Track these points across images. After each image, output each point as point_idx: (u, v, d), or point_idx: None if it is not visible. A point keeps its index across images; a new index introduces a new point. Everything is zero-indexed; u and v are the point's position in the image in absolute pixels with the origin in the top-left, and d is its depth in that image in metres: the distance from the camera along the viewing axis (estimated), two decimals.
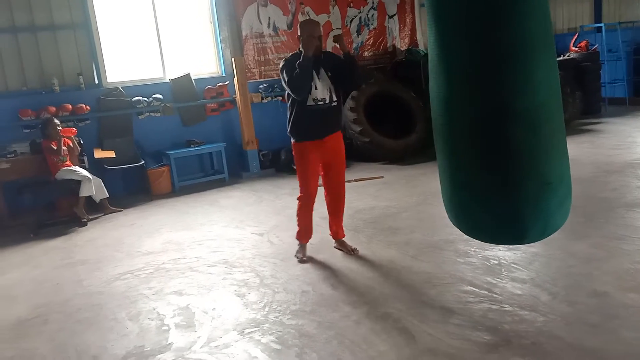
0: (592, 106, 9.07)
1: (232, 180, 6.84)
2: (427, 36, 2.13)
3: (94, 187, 5.55)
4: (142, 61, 6.88)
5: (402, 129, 7.22)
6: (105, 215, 5.69)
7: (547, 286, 2.90)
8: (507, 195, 1.94)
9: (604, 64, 9.54)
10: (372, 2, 8.29)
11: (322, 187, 3.68)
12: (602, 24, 10.17)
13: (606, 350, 2.26)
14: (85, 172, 5.60)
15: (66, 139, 5.61)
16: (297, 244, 3.78)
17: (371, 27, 8.34)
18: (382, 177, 6.03)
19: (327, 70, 3.46)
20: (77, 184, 5.50)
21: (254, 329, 2.75)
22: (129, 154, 6.45)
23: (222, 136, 7.20)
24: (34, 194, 5.81)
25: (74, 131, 5.83)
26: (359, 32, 8.22)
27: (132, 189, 6.57)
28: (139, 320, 3.02)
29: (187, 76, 6.94)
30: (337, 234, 3.78)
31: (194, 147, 6.79)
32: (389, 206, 4.77)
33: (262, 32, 7.47)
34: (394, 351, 2.41)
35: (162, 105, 6.71)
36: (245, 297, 3.18)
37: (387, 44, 8.54)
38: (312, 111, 3.43)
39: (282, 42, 7.62)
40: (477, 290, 2.94)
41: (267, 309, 2.98)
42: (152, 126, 6.74)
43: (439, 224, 4.12)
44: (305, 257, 3.68)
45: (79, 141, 5.87)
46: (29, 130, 5.97)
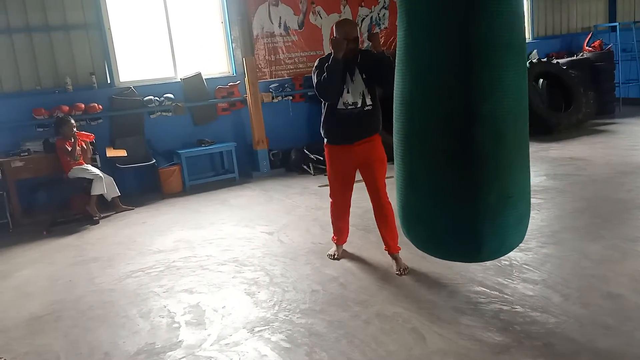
0: (606, 106, 8.96)
1: (243, 179, 6.86)
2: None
3: (106, 186, 5.60)
4: (154, 61, 6.94)
5: None
6: (116, 213, 5.74)
7: (560, 287, 2.86)
8: (465, 204, 1.83)
9: (618, 63, 9.40)
10: (384, 2, 8.27)
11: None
12: (616, 23, 10.03)
13: (620, 352, 2.22)
14: (97, 171, 5.66)
15: (81, 141, 5.68)
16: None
17: (382, 26, 8.32)
18: (392, 177, 6.01)
19: (363, 72, 3.26)
20: (89, 182, 5.56)
21: (264, 328, 2.76)
22: (141, 153, 6.50)
23: (232, 135, 7.23)
24: (47, 192, 5.88)
25: (92, 137, 5.86)
26: (370, 31, 8.20)
27: (143, 187, 6.62)
28: (150, 317, 3.04)
29: (199, 76, 6.98)
30: (389, 247, 3.43)
31: (205, 146, 6.83)
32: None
33: (273, 32, 7.49)
34: (404, 351, 2.40)
35: (174, 104, 6.75)
36: (255, 296, 3.19)
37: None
38: (341, 115, 3.29)
39: (293, 42, 7.63)
40: (488, 291, 2.92)
41: (276, 308, 2.98)
42: (163, 125, 6.79)
43: None
44: (335, 256, 3.66)
45: (94, 144, 5.93)
46: (42, 129, 6.04)
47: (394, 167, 2.13)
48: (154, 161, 6.46)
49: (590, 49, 9.42)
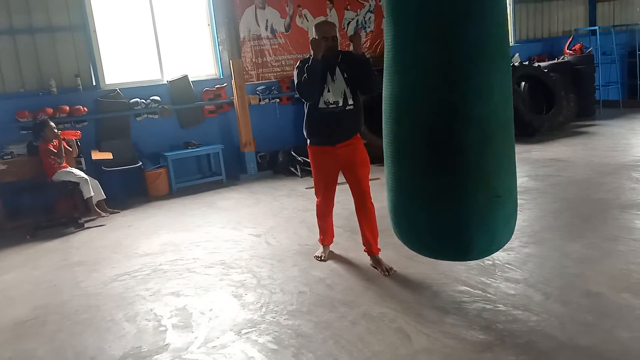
0: (586, 109, 9.13)
1: (230, 181, 6.86)
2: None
3: (91, 189, 5.56)
4: (140, 63, 6.90)
5: None
6: (102, 217, 5.70)
7: (541, 286, 2.93)
8: (455, 204, 1.87)
9: (598, 66, 9.60)
10: (370, 5, 8.33)
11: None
12: (596, 27, 10.24)
13: (600, 349, 2.29)
14: (82, 174, 5.61)
15: (65, 141, 5.63)
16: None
17: (368, 29, 8.37)
18: (378, 178, 6.06)
19: (344, 71, 3.27)
20: (75, 185, 5.52)
21: (251, 330, 2.77)
22: (127, 156, 6.46)
23: (219, 138, 7.22)
24: (31, 195, 5.80)
25: (78, 134, 5.83)
26: (355, 34, 8.25)
27: (129, 190, 6.56)
28: (136, 321, 3.03)
29: (185, 78, 6.96)
30: (370, 249, 3.46)
31: (192, 148, 6.81)
32: (385, 207, 4.78)
33: (260, 35, 7.50)
34: (390, 351, 2.44)
35: (160, 107, 6.72)
36: (242, 298, 3.20)
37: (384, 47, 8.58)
38: (323, 114, 3.29)
39: (280, 45, 7.65)
40: (472, 290, 2.97)
41: (264, 310, 3.00)
42: (149, 128, 6.75)
43: None
44: (322, 257, 3.68)
45: (77, 143, 5.88)
46: (26, 131, 5.96)
47: (383, 168, 2.17)
48: (140, 164, 6.43)
49: (571, 52, 9.60)
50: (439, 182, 1.89)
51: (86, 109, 6.27)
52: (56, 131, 5.56)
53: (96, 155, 6.21)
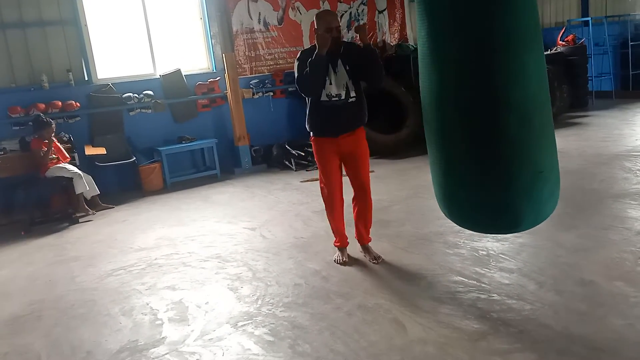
0: (579, 100, 9.16)
1: (224, 176, 6.85)
2: (416, 31, 2.15)
3: (86, 184, 5.54)
4: (133, 57, 6.85)
5: (393, 123, 7.26)
6: (96, 212, 5.68)
7: (535, 276, 2.95)
8: (502, 184, 1.99)
9: (591, 57, 9.63)
10: None
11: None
12: (589, 18, 10.26)
13: (594, 337, 2.31)
14: (75, 169, 5.59)
15: (56, 143, 5.61)
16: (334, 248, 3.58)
17: (361, 21, 8.34)
18: (373, 171, 6.07)
19: (346, 64, 3.21)
20: (68, 181, 5.49)
21: (247, 322, 2.78)
22: (120, 151, 6.43)
23: (213, 132, 7.19)
24: (25, 191, 5.78)
25: (68, 159, 5.74)
26: (349, 27, 8.23)
27: (123, 185, 6.55)
28: (133, 315, 3.04)
29: (178, 72, 6.93)
30: (362, 238, 3.50)
31: (186, 143, 6.78)
32: (380, 200, 4.80)
33: (253, 28, 7.46)
34: (385, 341, 2.45)
35: (153, 101, 6.69)
36: (238, 291, 3.21)
37: (377, 39, 8.57)
38: (325, 107, 3.24)
39: (273, 38, 7.62)
40: (466, 280, 2.99)
41: (259, 302, 3.01)
42: (143, 122, 6.72)
43: (429, 217, 4.17)
44: (342, 260, 3.45)
45: (68, 143, 5.86)
46: (18, 127, 5.93)
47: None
48: (134, 159, 6.40)
49: (563, 43, 9.61)
50: (485, 164, 1.99)
51: (78, 104, 6.23)
52: (53, 134, 5.55)
53: (90, 150, 6.18)
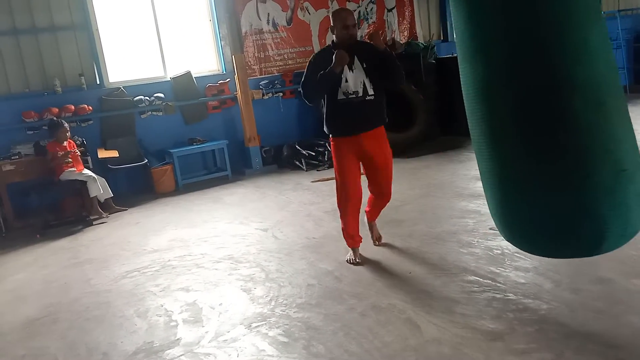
0: None
1: (235, 177, 6.87)
2: (425, 29, 2.05)
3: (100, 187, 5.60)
4: (143, 60, 6.90)
5: (403, 122, 7.23)
6: (110, 214, 5.73)
7: (550, 274, 2.91)
8: (576, 187, 1.60)
9: None
10: None
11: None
12: (601, 12, 10.11)
13: (610, 334, 2.28)
14: (89, 172, 5.64)
15: (73, 145, 5.67)
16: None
17: (370, 20, 8.33)
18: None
19: (363, 61, 3.17)
20: (82, 184, 5.55)
21: (261, 323, 2.79)
22: (132, 153, 6.48)
23: (224, 133, 7.22)
24: (39, 195, 5.85)
25: (82, 169, 5.74)
26: (358, 26, 8.21)
27: (136, 188, 6.60)
28: (147, 316, 3.06)
29: (188, 74, 6.96)
30: (372, 215, 3.65)
31: (197, 145, 6.82)
32: (392, 199, 4.77)
33: (262, 29, 7.47)
34: (400, 341, 2.44)
35: (164, 104, 6.74)
36: (251, 292, 3.21)
37: (387, 38, 8.53)
38: (342, 105, 3.20)
39: (282, 39, 7.63)
40: (481, 279, 2.96)
41: (273, 303, 3.01)
42: (154, 125, 6.77)
43: (442, 216, 4.14)
44: (355, 260, 3.41)
45: (82, 147, 5.92)
46: (32, 131, 6.01)
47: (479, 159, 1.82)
48: (146, 161, 6.45)
49: None
50: (551, 163, 1.63)
51: (91, 108, 6.29)
52: (68, 134, 5.61)
53: (102, 153, 6.24)
